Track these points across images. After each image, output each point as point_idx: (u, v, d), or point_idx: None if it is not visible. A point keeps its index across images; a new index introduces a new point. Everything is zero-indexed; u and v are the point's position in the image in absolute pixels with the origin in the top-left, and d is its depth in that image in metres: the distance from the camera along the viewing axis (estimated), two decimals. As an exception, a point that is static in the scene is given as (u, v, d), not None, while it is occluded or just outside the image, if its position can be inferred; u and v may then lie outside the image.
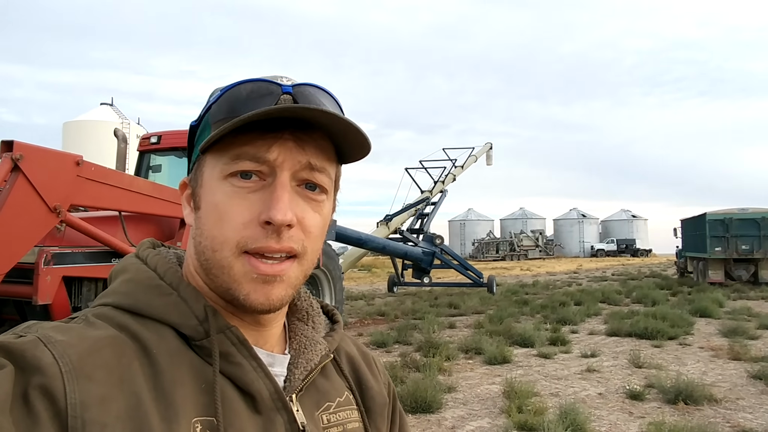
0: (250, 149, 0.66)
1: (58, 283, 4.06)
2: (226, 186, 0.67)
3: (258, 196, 0.67)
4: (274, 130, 0.67)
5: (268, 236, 0.66)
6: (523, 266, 44.28)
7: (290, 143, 0.67)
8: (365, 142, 0.71)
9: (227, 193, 0.67)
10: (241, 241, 0.66)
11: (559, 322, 11.79)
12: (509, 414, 5.59)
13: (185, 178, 0.77)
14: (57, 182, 3.88)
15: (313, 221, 0.70)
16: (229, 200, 0.67)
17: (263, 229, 0.66)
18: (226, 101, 0.69)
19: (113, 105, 36.86)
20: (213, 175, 0.69)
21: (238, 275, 0.67)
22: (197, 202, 0.71)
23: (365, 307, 15.69)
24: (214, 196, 0.68)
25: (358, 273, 33.49)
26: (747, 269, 21.09)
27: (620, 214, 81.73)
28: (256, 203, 0.66)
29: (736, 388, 6.81)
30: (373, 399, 0.86)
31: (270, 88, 0.69)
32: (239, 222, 0.66)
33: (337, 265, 9.24)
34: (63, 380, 0.56)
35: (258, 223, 0.66)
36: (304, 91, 0.70)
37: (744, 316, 12.68)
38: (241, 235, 0.66)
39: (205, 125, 0.71)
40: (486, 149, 24.14)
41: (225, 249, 0.66)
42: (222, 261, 0.67)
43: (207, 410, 0.64)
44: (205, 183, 0.70)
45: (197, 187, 0.72)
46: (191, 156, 0.76)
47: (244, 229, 0.66)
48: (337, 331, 0.87)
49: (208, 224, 0.68)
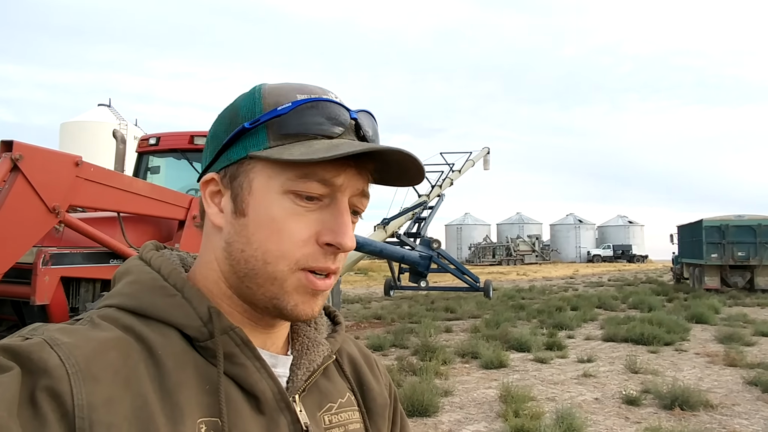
0: (320, 171, 0.67)
1: (56, 283, 4.05)
2: (286, 202, 0.68)
3: (316, 216, 0.68)
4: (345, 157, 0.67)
5: (326, 256, 0.68)
6: (519, 271, 44.31)
7: (353, 170, 0.69)
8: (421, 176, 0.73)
9: (287, 209, 0.68)
10: (302, 259, 0.67)
11: (556, 327, 11.82)
12: (506, 418, 5.59)
13: (213, 174, 0.73)
14: (56, 183, 3.87)
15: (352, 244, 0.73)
16: (289, 217, 0.67)
17: (322, 249, 0.68)
18: (297, 116, 0.69)
19: (111, 106, 36.70)
20: (271, 187, 0.68)
21: (290, 288, 0.68)
22: (242, 208, 0.70)
23: (362, 310, 15.69)
24: (271, 209, 0.68)
25: (355, 276, 33.47)
26: (743, 276, 21.09)
27: (617, 219, 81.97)
28: (314, 222, 0.68)
29: (732, 394, 6.82)
30: (374, 400, 0.87)
31: (340, 111, 0.70)
32: (299, 239, 0.67)
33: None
34: (70, 382, 0.56)
35: (317, 243, 0.68)
36: (363, 117, 0.73)
37: (740, 322, 12.71)
38: (301, 253, 0.67)
39: (260, 130, 0.69)
40: (483, 154, 24.14)
41: (281, 263, 0.67)
42: (276, 273, 0.68)
43: (211, 411, 0.64)
44: (256, 191, 0.69)
45: (244, 192, 0.70)
46: (223, 152, 0.73)
47: (303, 246, 0.67)
48: (339, 333, 0.87)
49: (259, 235, 0.68)
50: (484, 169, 24.57)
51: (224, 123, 0.73)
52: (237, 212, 0.70)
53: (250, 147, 0.69)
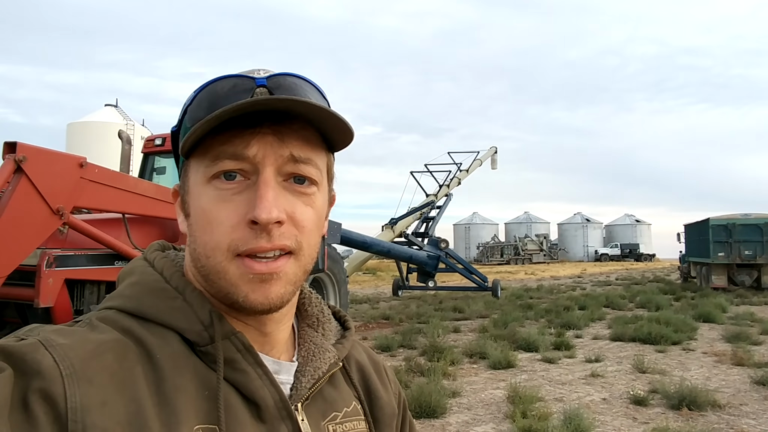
0: (228, 147, 0.64)
1: (60, 285, 4.05)
2: (210, 190, 0.66)
3: (243, 197, 0.65)
4: (252, 126, 0.64)
5: (257, 236, 0.64)
6: (527, 270, 44.27)
7: (269, 137, 0.65)
8: (345, 127, 0.68)
9: (212, 196, 0.65)
10: (232, 244, 0.64)
11: (564, 327, 11.79)
12: (513, 419, 5.58)
13: (176, 185, 0.76)
14: (60, 184, 3.87)
15: (305, 215, 0.68)
16: (215, 204, 0.65)
17: (252, 230, 0.64)
18: (198, 102, 0.67)
19: (117, 106, 36.94)
20: (197, 180, 0.67)
21: (234, 278, 0.65)
22: (186, 208, 0.70)
23: (370, 310, 15.68)
24: (200, 201, 0.67)
25: (363, 276, 33.51)
26: (750, 275, 21.03)
27: (624, 218, 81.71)
28: (241, 204, 0.64)
29: (740, 393, 6.79)
30: (382, 409, 0.85)
31: (243, 82, 0.66)
32: (227, 225, 0.64)
33: (342, 269, 9.25)
34: (63, 384, 0.55)
35: (246, 224, 0.64)
36: (280, 81, 0.68)
37: (747, 321, 12.65)
38: (230, 239, 0.64)
39: (185, 130, 0.69)
40: (491, 153, 24.15)
41: (217, 254, 0.65)
42: (216, 266, 0.65)
43: (209, 417, 0.62)
44: (191, 189, 0.69)
45: (185, 193, 0.70)
46: (178, 162, 0.74)
47: (233, 231, 0.64)
48: (347, 339, 0.85)
49: (198, 230, 0.67)
50: (492, 168, 24.61)
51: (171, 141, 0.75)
52: (185, 214, 0.71)
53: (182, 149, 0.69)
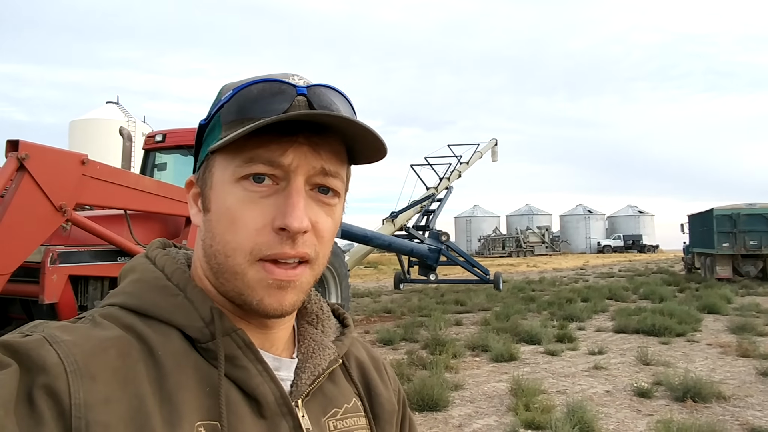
0: (264, 152, 0.65)
1: (64, 281, 4.07)
2: (238, 190, 0.66)
3: (271, 201, 0.66)
4: (289, 134, 0.65)
5: (282, 242, 0.65)
6: (529, 263, 44.27)
7: (305, 147, 0.66)
8: (381, 147, 0.70)
9: (240, 197, 0.66)
10: (255, 248, 0.65)
11: (566, 319, 11.78)
12: (516, 412, 5.59)
13: (192, 176, 0.76)
14: (62, 181, 3.88)
15: (326, 225, 0.69)
16: (241, 205, 0.65)
17: (277, 236, 0.65)
18: (237, 101, 0.67)
19: (119, 103, 36.90)
20: (224, 178, 0.67)
21: (252, 281, 0.66)
22: (206, 203, 0.70)
23: (371, 304, 15.71)
24: (225, 200, 0.67)
25: (365, 270, 33.56)
26: (755, 265, 20.95)
27: (627, 209, 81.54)
28: (269, 208, 0.65)
29: (745, 385, 6.78)
30: (382, 406, 0.85)
31: (283, 88, 0.67)
32: (252, 228, 0.65)
33: (343, 263, 9.25)
34: (68, 380, 0.55)
35: (272, 229, 0.65)
36: (318, 92, 0.69)
37: (752, 312, 12.61)
38: (255, 242, 0.65)
39: (215, 125, 0.69)
40: (491, 145, 24.11)
41: (238, 255, 0.65)
42: (235, 267, 0.66)
43: (211, 414, 0.63)
44: (215, 185, 0.68)
45: (207, 188, 0.70)
46: (198, 154, 0.74)
47: (258, 235, 0.65)
48: (347, 336, 0.86)
49: (219, 228, 0.67)
50: (492, 160, 24.57)
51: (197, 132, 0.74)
52: (204, 209, 0.71)
53: (210, 143, 0.70)
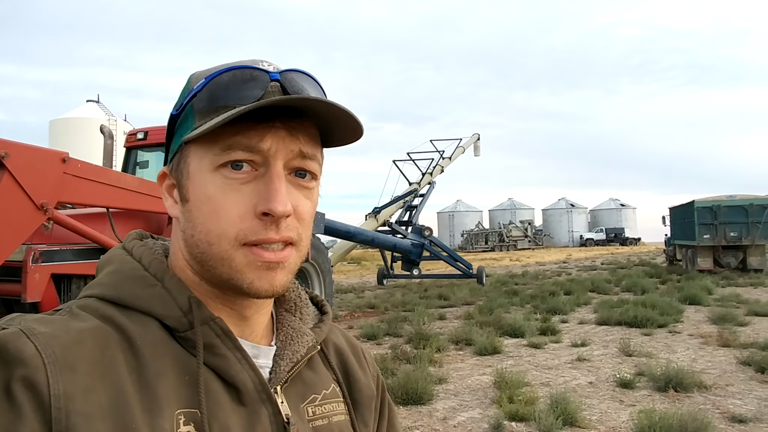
0: (242, 139, 0.65)
1: (47, 280, 4.04)
2: (217, 178, 0.67)
3: (252, 188, 0.66)
4: (266, 120, 0.66)
5: (266, 228, 0.66)
6: (512, 257, 44.41)
7: (282, 132, 0.67)
8: (358, 127, 0.71)
9: (219, 185, 0.66)
10: (240, 234, 0.66)
11: (549, 312, 11.83)
12: (500, 404, 5.62)
13: (164, 168, 0.75)
14: (43, 180, 3.84)
15: (306, 208, 0.71)
16: (222, 193, 0.66)
17: (261, 221, 0.66)
18: (209, 90, 0.68)
19: (99, 102, 36.48)
20: (202, 167, 0.68)
21: (240, 265, 0.67)
22: (184, 194, 0.70)
23: (355, 299, 15.68)
24: (205, 189, 0.67)
25: (348, 266, 33.46)
26: (735, 256, 21.11)
27: (609, 203, 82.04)
28: (250, 195, 0.66)
29: (726, 374, 6.86)
30: (361, 391, 0.86)
31: (255, 74, 0.68)
32: (235, 215, 0.66)
33: (327, 259, 9.23)
34: (46, 372, 0.56)
35: (255, 215, 0.66)
36: (290, 77, 0.70)
37: (733, 303, 12.75)
38: (239, 228, 0.66)
39: (188, 115, 0.69)
40: (473, 140, 24.12)
41: (223, 242, 0.66)
42: (221, 254, 0.67)
43: (190, 402, 0.64)
44: (193, 175, 0.69)
45: (183, 178, 0.70)
46: (170, 145, 0.74)
47: (241, 221, 0.66)
48: (325, 323, 0.87)
49: (200, 217, 0.68)
50: (475, 155, 24.58)
51: (168, 123, 0.74)
52: (182, 199, 0.71)
53: (183, 133, 0.70)
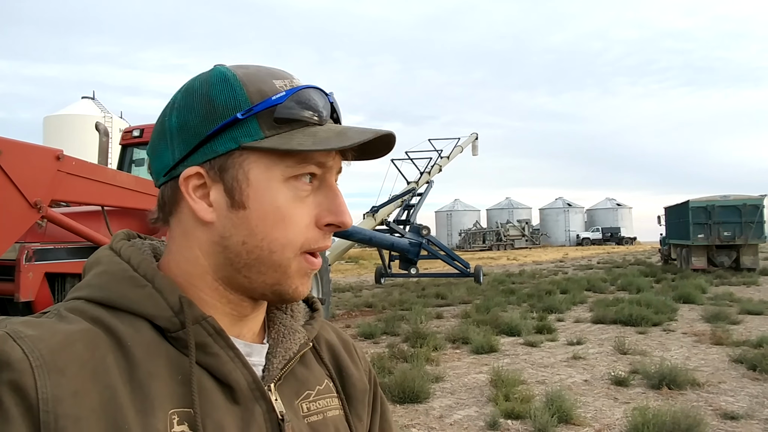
0: (316, 155, 0.70)
1: (40, 279, 4.01)
2: (288, 189, 0.70)
3: (312, 199, 0.71)
4: None
5: (325, 237, 0.73)
6: (509, 256, 44.53)
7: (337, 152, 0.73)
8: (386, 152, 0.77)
9: (290, 197, 0.70)
10: (305, 243, 0.70)
11: (546, 311, 11.89)
12: (496, 402, 5.64)
13: (197, 167, 0.69)
14: (37, 177, 3.81)
15: None
16: (291, 203, 0.70)
17: (321, 231, 0.72)
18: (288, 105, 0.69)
19: (95, 99, 36.27)
20: (272, 176, 0.69)
21: (293, 272, 0.71)
22: (241, 201, 0.68)
23: (353, 298, 15.71)
24: (275, 199, 0.69)
25: (345, 265, 33.49)
26: (729, 255, 21.34)
27: (605, 202, 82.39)
28: (311, 206, 0.71)
29: (718, 372, 6.91)
30: (354, 386, 0.87)
31: (322, 97, 0.73)
32: (302, 225, 0.70)
33: (324, 258, 9.23)
34: (34, 375, 0.55)
35: (317, 225, 0.71)
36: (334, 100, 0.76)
37: (726, 301, 12.86)
38: (305, 237, 0.70)
39: (252, 121, 0.67)
40: (471, 140, 24.14)
41: (287, 250, 0.70)
42: (282, 261, 0.70)
43: (184, 401, 0.63)
44: (257, 182, 0.68)
45: (241, 185, 0.68)
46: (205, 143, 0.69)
47: (307, 231, 0.71)
48: (316, 320, 0.86)
49: (264, 225, 0.69)
50: (473, 155, 24.60)
51: (196, 113, 0.69)
52: (234, 206, 0.69)
53: (240, 138, 0.67)
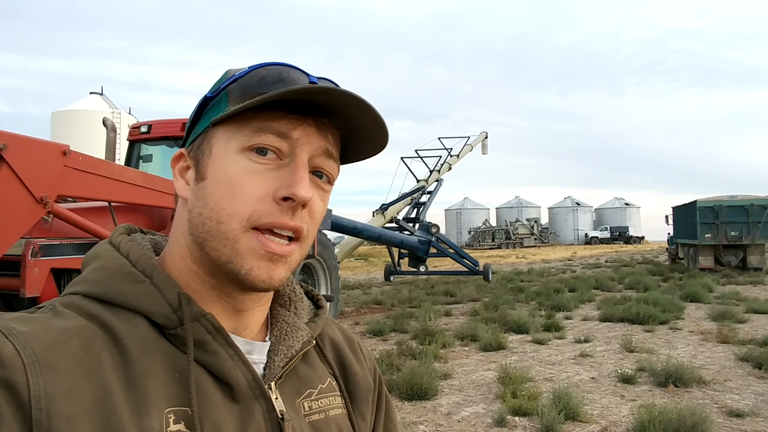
0: (274, 124, 0.66)
1: (46, 275, 4.01)
2: (242, 159, 0.67)
3: (274, 174, 0.67)
4: (300, 113, 0.67)
5: (282, 212, 0.66)
6: (518, 254, 44.48)
7: (312, 128, 0.68)
8: (383, 136, 0.73)
9: (243, 166, 0.66)
10: (254, 215, 0.65)
11: (554, 309, 11.90)
12: (504, 399, 5.64)
13: (182, 149, 0.75)
14: (43, 172, 3.80)
15: (319, 207, 0.71)
16: (244, 174, 0.66)
17: (278, 205, 0.66)
18: (251, 78, 0.69)
19: (103, 94, 36.40)
20: (228, 147, 0.67)
21: (242, 249, 0.66)
22: (202, 172, 0.69)
23: (362, 296, 15.73)
24: (227, 168, 0.67)
25: (355, 262, 33.56)
26: (736, 255, 21.31)
27: (614, 202, 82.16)
28: (272, 180, 0.66)
29: (724, 370, 6.92)
30: (358, 385, 0.85)
31: (296, 73, 0.70)
32: (253, 196, 0.65)
33: (333, 255, 9.22)
34: (26, 373, 0.54)
35: (273, 199, 0.66)
36: (325, 82, 0.71)
37: (732, 300, 12.85)
38: (254, 209, 0.65)
39: (222, 98, 0.70)
40: (481, 138, 24.15)
41: (233, 221, 0.65)
42: (228, 233, 0.66)
43: (181, 400, 0.62)
44: (216, 154, 0.68)
45: (204, 157, 0.70)
46: (193, 128, 0.74)
47: (258, 203, 0.65)
48: (320, 317, 0.86)
49: (215, 195, 0.67)
50: (482, 153, 24.62)
51: (197, 106, 0.73)
52: (198, 178, 0.70)
53: (213, 116, 0.69)
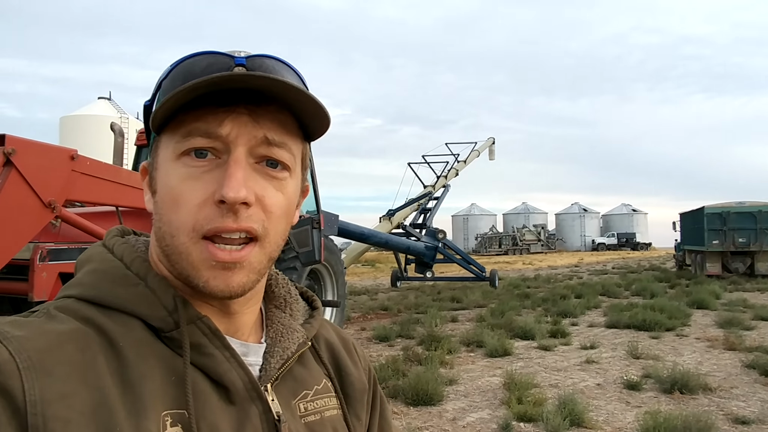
0: (201, 125, 0.63)
1: (54, 279, 4.02)
2: (179, 167, 0.64)
3: (212, 176, 0.63)
4: (227, 105, 0.63)
5: (223, 216, 0.62)
6: (525, 260, 44.25)
7: (244, 117, 0.64)
8: (322, 112, 0.67)
9: (181, 174, 0.64)
10: (197, 224, 0.62)
11: (560, 315, 11.83)
12: (509, 405, 5.62)
13: (144, 162, 0.72)
14: (51, 177, 3.83)
15: (275, 200, 0.67)
16: (183, 182, 0.63)
17: (218, 209, 0.62)
18: (175, 76, 0.66)
19: (111, 99, 36.48)
20: (166, 156, 0.65)
21: (196, 262, 0.63)
22: (153, 185, 0.68)
23: (368, 301, 15.69)
24: (168, 179, 0.65)
25: (362, 268, 33.49)
26: (744, 262, 21.16)
27: (621, 208, 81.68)
28: (210, 183, 0.63)
29: (731, 377, 6.87)
30: (353, 385, 0.85)
31: (221, 60, 0.65)
32: (193, 203, 0.62)
33: (340, 260, 9.22)
34: (21, 377, 0.54)
35: (213, 203, 0.62)
36: (258, 62, 0.66)
37: (740, 307, 12.74)
38: (195, 218, 0.62)
39: (158, 103, 0.65)
40: (488, 144, 24.08)
41: (182, 234, 0.63)
42: (180, 247, 0.64)
43: (177, 403, 0.62)
44: (159, 165, 0.67)
45: (153, 170, 0.68)
46: (149, 139, 0.71)
47: (199, 210, 0.62)
48: (316, 318, 0.85)
49: (165, 208, 0.65)
50: (489, 159, 24.51)
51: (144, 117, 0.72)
52: (152, 191, 0.69)
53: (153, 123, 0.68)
